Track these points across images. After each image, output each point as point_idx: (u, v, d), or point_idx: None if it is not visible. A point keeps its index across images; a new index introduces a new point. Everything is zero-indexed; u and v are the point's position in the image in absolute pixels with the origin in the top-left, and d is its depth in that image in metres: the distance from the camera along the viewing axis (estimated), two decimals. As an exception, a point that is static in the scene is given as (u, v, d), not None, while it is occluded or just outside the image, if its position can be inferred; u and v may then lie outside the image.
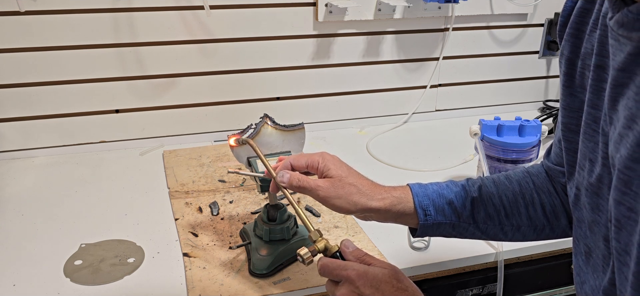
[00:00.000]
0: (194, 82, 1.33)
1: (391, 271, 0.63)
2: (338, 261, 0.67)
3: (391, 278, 0.62)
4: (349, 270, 0.64)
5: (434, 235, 0.75)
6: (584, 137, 0.55)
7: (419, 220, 0.72)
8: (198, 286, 0.83)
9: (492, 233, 0.74)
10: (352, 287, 0.63)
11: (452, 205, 0.72)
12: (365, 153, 1.33)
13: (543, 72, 1.63)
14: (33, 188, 1.14)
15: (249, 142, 0.80)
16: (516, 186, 0.74)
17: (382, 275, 0.62)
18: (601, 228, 0.52)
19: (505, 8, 1.47)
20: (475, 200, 0.73)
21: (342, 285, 0.64)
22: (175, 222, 1.01)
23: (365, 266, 0.64)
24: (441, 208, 0.72)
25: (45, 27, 1.18)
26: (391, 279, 0.62)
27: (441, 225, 0.72)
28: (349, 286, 0.63)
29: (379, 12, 1.36)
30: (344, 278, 0.64)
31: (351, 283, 0.63)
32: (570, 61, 0.59)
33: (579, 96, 0.58)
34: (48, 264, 0.88)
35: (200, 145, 1.35)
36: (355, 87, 1.46)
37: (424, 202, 0.72)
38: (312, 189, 0.71)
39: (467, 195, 0.73)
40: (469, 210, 0.72)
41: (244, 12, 1.29)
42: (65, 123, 1.28)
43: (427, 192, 0.73)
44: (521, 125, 1.03)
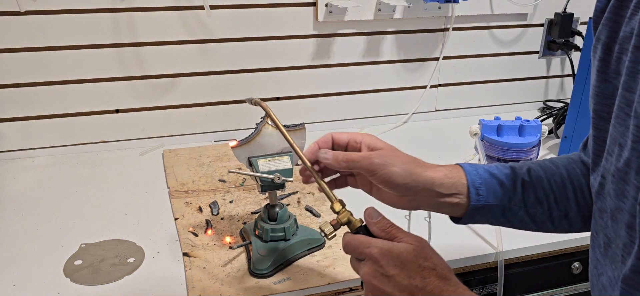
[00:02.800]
0: (194, 82, 1.33)
1: (417, 247, 0.60)
2: (361, 237, 0.63)
3: (417, 256, 0.59)
4: (372, 247, 0.61)
5: (480, 221, 0.69)
6: (616, 121, 0.53)
7: (470, 201, 0.67)
8: (198, 286, 0.83)
9: (540, 221, 0.70)
10: (376, 266, 0.59)
11: (503, 186, 0.67)
12: (365, 153, 1.33)
13: (543, 72, 1.63)
14: (33, 188, 1.14)
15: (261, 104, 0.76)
16: (563, 171, 0.70)
17: (407, 253, 0.59)
18: (624, 216, 0.51)
19: (505, 8, 1.47)
20: (525, 182, 0.68)
21: (366, 263, 0.61)
22: (175, 221, 1.01)
23: (390, 243, 0.61)
24: (493, 188, 0.67)
25: (45, 27, 1.18)
26: (417, 257, 0.59)
27: (491, 208, 0.68)
28: (373, 265, 0.60)
29: (379, 12, 1.36)
30: (368, 256, 0.61)
31: (375, 262, 0.60)
32: (607, 46, 0.56)
33: (613, 82, 0.56)
34: (48, 264, 0.88)
35: (201, 145, 1.35)
36: (355, 87, 1.46)
37: (476, 180, 0.67)
38: (362, 159, 0.66)
39: (517, 177, 0.69)
40: (520, 193, 0.68)
41: (244, 12, 1.29)
42: (65, 123, 1.28)
43: (477, 170, 0.68)
44: (521, 125, 1.03)
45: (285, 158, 0.88)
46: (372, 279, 0.60)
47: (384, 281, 0.59)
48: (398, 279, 0.58)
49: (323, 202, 1.09)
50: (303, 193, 1.12)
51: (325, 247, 0.93)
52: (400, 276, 0.58)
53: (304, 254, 0.91)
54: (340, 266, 0.88)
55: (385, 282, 0.59)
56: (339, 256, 0.91)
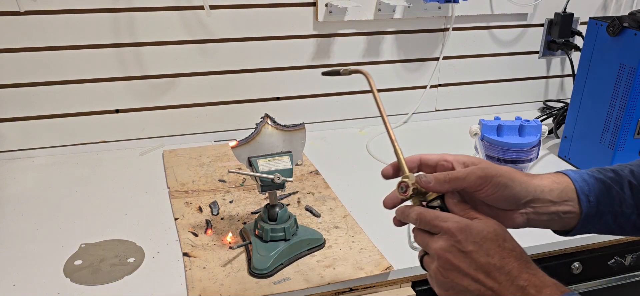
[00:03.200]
0: (194, 82, 1.33)
1: (498, 229, 0.57)
2: (437, 211, 0.60)
3: (497, 236, 0.56)
4: (449, 221, 0.58)
5: (591, 229, 0.64)
6: None
7: (582, 208, 0.62)
8: (198, 286, 0.83)
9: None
10: (453, 241, 0.56)
11: (611, 190, 0.63)
12: (365, 153, 1.33)
13: (543, 72, 1.63)
14: (33, 188, 1.14)
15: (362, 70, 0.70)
16: None
17: (487, 232, 0.56)
18: None
19: (505, 8, 1.47)
20: (632, 185, 0.63)
21: (440, 237, 0.58)
22: (175, 221, 1.01)
23: (468, 220, 0.58)
24: (601, 193, 0.63)
25: (45, 27, 1.18)
26: (497, 237, 0.56)
27: (604, 215, 0.63)
28: (449, 240, 0.57)
29: (379, 12, 1.36)
30: (443, 230, 0.57)
31: (452, 236, 0.57)
32: None
33: None
34: (48, 264, 0.88)
35: (200, 145, 1.35)
36: (355, 87, 1.46)
37: (583, 187, 0.63)
38: (467, 176, 0.60)
39: (623, 180, 0.63)
40: (629, 196, 0.63)
41: (244, 12, 1.29)
42: (65, 123, 1.28)
43: (582, 176, 0.64)
44: (521, 125, 1.03)
45: (285, 158, 0.88)
46: (446, 253, 0.57)
47: (460, 256, 0.56)
48: (475, 256, 0.55)
49: (323, 201, 1.09)
50: (303, 193, 1.12)
51: (325, 247, 0.93)
52: (478, 253, 0.55)
53: (304, 254, 0.91)
54: (340, 266, 0.88)
55: (460, 258, 0.56)
56: (339, 256, 0.91)
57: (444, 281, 0.58)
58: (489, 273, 0.55)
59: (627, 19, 1.12)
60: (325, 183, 1.16)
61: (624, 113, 1.12)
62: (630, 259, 1.08)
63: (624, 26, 1.11)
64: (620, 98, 1.13)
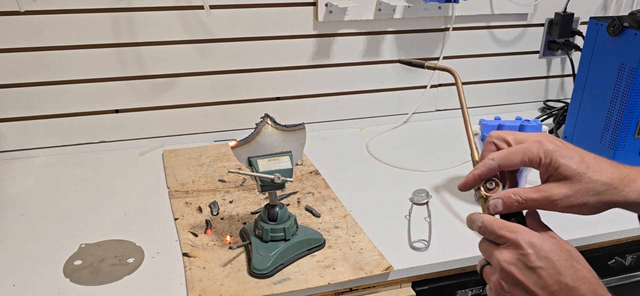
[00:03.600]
0: (194, 82, 1.33)
1: (571, 250, 0.54)
2: (505, 221, 0.56)
3: (570, 256, 0.53)
4: (518, 233, 0.54)
5: None
6: None
7: None
8: (198, 286, 0.83)
9: None
10: (519, 254, 0.53)
11: None
12: (365, 153, 1.33)
13: (543, 72, 1.63)
14: (33, 188, 1.14)
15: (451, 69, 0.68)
16: None
17: (560, 250, 0.53)
18: None
19: (505, 8, 1.47)
20: None
21: (506, 248, 0.54)
22: (175, 221, 1.01)
23: (541, 234, 0.54)
24: None
25: (45, 27, 1.18)
26: (570, 257, 0.53)
27: None
28: (515, 252, 0.54)
29: (379, 12, 1.36)
30: (511, 241, 0.54)
31: (519, 249, 0.53)
32: None
33: None
34: (48, 264, 0.88)
35: (201, 145, 1.35)
36: (355, 87, 1.46)
37: None
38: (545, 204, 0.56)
39: None
40: None
41: (244, 12, 1.29)
42: (65, 123, 1.28)
43: None
44: (521, 125, 1.03)
45: (285, 158, 0.88)
46: (510, 266, 0.53)
47: (526, 272, 0.53)
48: (543, 273, 0.52)
49: (323, 201, 1.09)
50: (303, 193, 1.12)
51: (326, 247, 0.93)
52: (546, 271, 0.52)
53: (304, 254, 0.91)
54: (340, 266, 0.88)
55: (527, 273, 0.53)
56: (338, 256, 0.91)
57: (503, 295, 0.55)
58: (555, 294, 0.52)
59: (627, 19, 1.12)
60: (325, 183, 1.16)
61: (624, 113, 1.12)
62: (630, 259, 1.08)
63: (624, 26, 1.11)
64: (620, 98, 1.13)
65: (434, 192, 1.14)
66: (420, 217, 1.00)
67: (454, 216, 1.05)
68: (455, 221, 1.04)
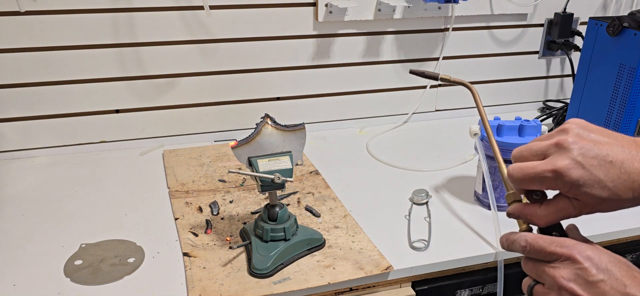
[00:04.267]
0: (194, 82, 1.33)
1: (625, 260, 0.51)
2: (551, 237, 0.53)
3: (629, 266, 0.51)
4: (572, 247, 0.51)
5: None
6: None
7: None
8: (198, 286, 0.83)
9: None
10: (576, 269, 0.50)
11: None
12: (365, 153, 1.33)
13: (543, 72, 1.63)
14: (33, 188, 1.14)
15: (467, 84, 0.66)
16: None
17: (618, 260, 0.51)
18: None
19: (505, 8, 1.47)
20: None
21: (561, 264, 0.51)
22: (175, 221, 1.01)
23: (592, 246, 0.52)
24: None
25: (45, 27, 1.18)
26: (628, 268, 0.50)
27: None
28: (572, 267, 0.51)
29: (379, 12, 1.36)
30: (565, 256, 0.51)
31: (575, 263, 0.50)
32: None
33: None
34: (48, 264, 0.88)
35: (200, 145, 1.35)
36: (355, 87, 1.46)
37: None
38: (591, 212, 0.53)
39: None
40: None
41: (244, 12, 1.29)
42: (65, 123, 1.28)
43: None
44: (521, 125, 1.03)
45: (285, 158, 0.88)
46: (569, 283, 0.50)
47: (588, 287, 0.50)
48: (606, 287, 0.49)
49: (323, 201, 1.09)
50: (303, 193, 1.12)
51: (326, 247, 0.93)
52: (609, 284, 0.49)
53: (304, 254, 0.91)
54: (340, 266, 0.88)
55: (589, 289, 0.50)
56: (338, 256, 0.91)
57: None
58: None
59: (627, 19, 1.12)
60: (325, 183, 1.16)
61: (623, 113, 1.12)
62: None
63: (624, 26, 1.11)
64: (620, 98, 1.13)
65: (433, 192, 1.14)
66: (420, 217, 1.00)
67: (454, 216, 1.05)
68: (455, 221, 1.04)
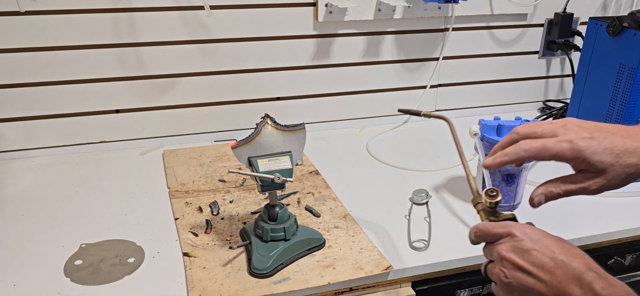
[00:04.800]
0: (194, 82, 1.33)
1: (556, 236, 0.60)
2: (497, 222, 0.63)
3: (559, 240, 0.59)
4: (511, 226, 0.61)
5: None
6: None
7: None
8: (198, 286, 0.83)
9: None
10: (513, 241, 0.60)
11: None
12: (365, 153, 1.33)
13: (543, 72, 1.63)
14: (33, 188, 1.14)
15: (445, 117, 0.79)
16: None
17: (549, 235, 0.60)
18: None
19: (505, 8, 1.47)
20: None
21: (503, 240, 0.61)
22: (175, 221, 1.01)
23: (528, 225, 0.61)
24: None
25: (45, 27, 1.18)
26: (559, 240, 0.59)
27: None
28: (510, 241, 0.60)
29: (379, 12, 1.36)
30: (505, 233, 0.61)
31: (512, 237, 0.60)
32: None
33: None
34: (48, 264, 0.89)
35: (201, 145, 1.35)
36: (355, 87, 1.46)
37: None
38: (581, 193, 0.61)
39: None
40: None
41: (244, 12, 1.29)
42: (65, 123, 1.28)
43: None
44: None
45: (285, 158, 0.88)
46: (508, 253, 0.59)
47: (523, 254, 0.58)
48: (538, 254, 0.57)
49: (323, 201, 1.09)
50: (303, 193, 1.12)
51: (325, 247, 0.93)
52: (540, 251, 0.57)
53: (304, 254, 0.91)
54: (340, 266, 0.89)
55: (523, 256, 0.58)
56: (338, 256, 0.91)
57: (508, 283, 0.59)
58: (553, 272, 0.55)
59: (627, 19, 1.12)
60: (325, 183, 1.16)
61: (623, 113, 1.12)
62: (630, 259, 1.08)
63: (624, 26, 1.11)
64: (620, 98, 1.13)
65: (433, 192, 1.14)
66: (420, 217, 1.00)
67: (454, 216, 1.05)
68: (455, 221, 1.04)
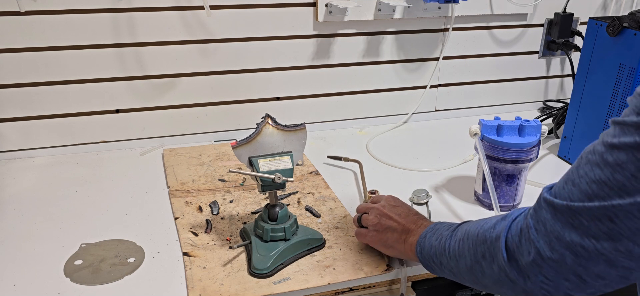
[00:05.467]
0: (194, 82, 1.33)
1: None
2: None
3: (405, 203, 0.93)
4: (383, 196, 0.95)
5: None
6: None
7: None
8: (198, 286, 0.83)
9: None
10: (385, 202, 0.92)
11: None
12: (365, 153, 1.33)
13: (543, 72, 1.63)
14: (33, 188, 1.14)
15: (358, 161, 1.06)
16: None
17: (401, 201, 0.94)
18: None
19: (505, 8, 1.47)
20: None
21: (378, 204, 0.92)
22: (175, 221, 1.01)
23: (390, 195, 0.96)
24: None
25: (45, 27, 1.18)
26: (405, 204, 0.93)
27: None
28: (384, 202, 0.92)
29: (379, 12, 1.36)
30: (379, 200, 0.94)
31: (386, 201, 0.92)
32: None
33: None
34: (48, 264, 0.88)
35: (201, 145, 1.35)
36: (355, 87, 1.46)
37: None
38: None
39: None
40: None
41: (244, 12, 1.29)
42: (65, 123, 1.28)
43: None
44: (521, 125, 1.03)
45: (286, 158, 0.88)
46: (382, 208, 0.90)
47: (390, 208, 0.90)
48: (397, 209, 0.90)
49: (323, 202, 1.09)
50: (303, 193, 1.12)
51: (325, 247, 0.93)
52: (397, 208, 0.90)
53: (304, 254, 0.91)
54: (340, 266, 0.89)
55: (390, 209, 0.90)
56: (339, 256, 0.91)
57: (378, 224, 0.88)
58: (406, 217, 0.88)
59: (627, 19, 1.12)
60: (325, 184, 1.16)
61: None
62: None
63: (624, 26, 1.11)
64: (620, 98, 1.13)
65: (433, 192, 1.14)
66: (420, 217, 1.00)
67: (454, 216, 1.05)
68: (455, 221, 1.03)
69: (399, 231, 0.86)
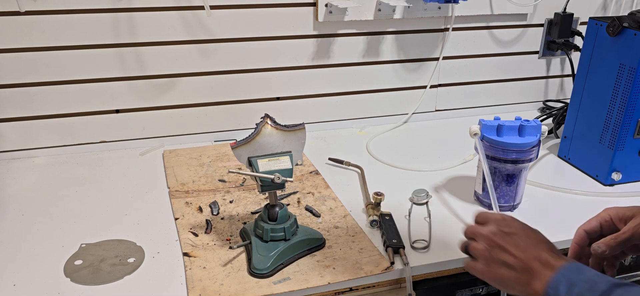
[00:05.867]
0: (194, 82, 1.33)
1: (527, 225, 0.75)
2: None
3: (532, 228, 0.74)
4: (494, 214, 0.77)
5: None
6: None
7: None
8: (198, 286, 0.83)
9: None
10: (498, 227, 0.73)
11: None
12: (365, 153, 1.33)
13: (543, 72, 1.63)
14: (33, 188, 1.14)
15: None
16: None
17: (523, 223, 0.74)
18: None
19: (505, 8, 1.47)
20: None
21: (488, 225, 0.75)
22: (175, 221, 1.01)
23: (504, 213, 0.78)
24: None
25: (45, 27, 1.18)
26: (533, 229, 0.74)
27: None
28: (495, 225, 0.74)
29: (379, 12, 1.36)
30: (491, 219, 0.75)
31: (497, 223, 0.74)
32: None
33: None
34: (48, 264, 0.88)
35: (201, 145, 1.35)
36: (355, 87, 1.46)
37: None
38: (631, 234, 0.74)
39: None
40: None
41: (244, 12, 1.29)
42: (65, 123, 1.28)
43: None
44: (521, 125, 1.03)
45: (285, 158, 0.88)
46: (494, 236, 0.72)
47: (504, 237, 0.72)
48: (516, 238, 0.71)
49: (323, 202, 1.09)
50: (303, 193, 1.12)
51: (325, 247, 0.93)
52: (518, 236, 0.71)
53: (304, 254, 0.91)
54: (340, 266, 0.89)
55: (505, 238, 0.72)
56: (338, 256, 0.91)
57: (489, 258, 0.72)
58: (525, 251, 0.69)
59: (627, 19, 1.12)
60: (325, 183, 1.16)
61: (623, 113, 1.12)
62: (630, 259, 1.08)
63: (624, 26, 1.11)
64: (620, 98, 1.13)
65: (433, 192, 1.14)
66: (420, 217, 1.00)
67: (454, 216, 1.05)
68: (455, 221, 1.04)
69: (516, 270, 0.69)
